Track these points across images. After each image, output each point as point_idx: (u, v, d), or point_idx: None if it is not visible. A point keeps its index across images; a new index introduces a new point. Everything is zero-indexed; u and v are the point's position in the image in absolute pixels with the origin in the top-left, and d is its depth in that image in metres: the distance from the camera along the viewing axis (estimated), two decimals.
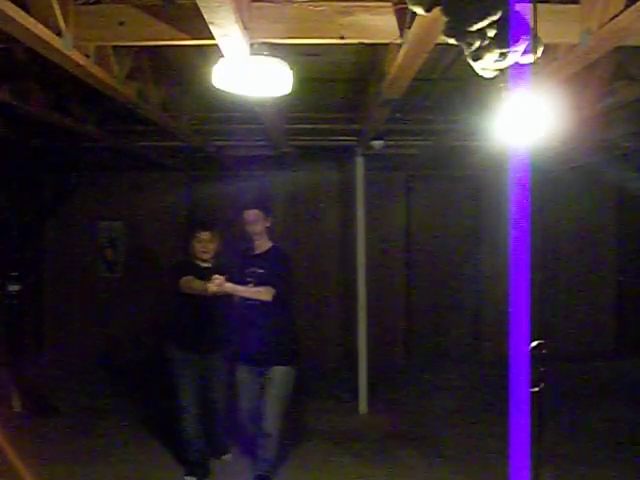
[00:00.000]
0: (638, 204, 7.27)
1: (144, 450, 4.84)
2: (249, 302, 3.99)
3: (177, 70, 4.12)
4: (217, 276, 3.90)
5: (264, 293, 3.93)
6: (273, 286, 3.93)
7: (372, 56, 3.67)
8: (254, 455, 4.14)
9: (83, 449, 4.87)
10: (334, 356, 7.55)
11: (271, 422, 3.96)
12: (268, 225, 4.12)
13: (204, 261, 4.30)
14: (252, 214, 4.06)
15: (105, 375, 6.88)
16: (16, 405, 5.59)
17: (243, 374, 4.08)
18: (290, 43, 2.65)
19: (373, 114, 4.33)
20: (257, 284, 3.98)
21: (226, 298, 4.07)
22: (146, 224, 7.61)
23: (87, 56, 2.84)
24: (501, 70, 1.88)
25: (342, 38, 2.59)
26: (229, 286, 3.93)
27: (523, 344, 1.86)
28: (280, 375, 3.98)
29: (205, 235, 4.28)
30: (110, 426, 5.39)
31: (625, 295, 7.83)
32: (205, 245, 4.27)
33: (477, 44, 1.79)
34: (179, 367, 4.24)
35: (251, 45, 2.55)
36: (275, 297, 3.93)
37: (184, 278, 4.13)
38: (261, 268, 4.02)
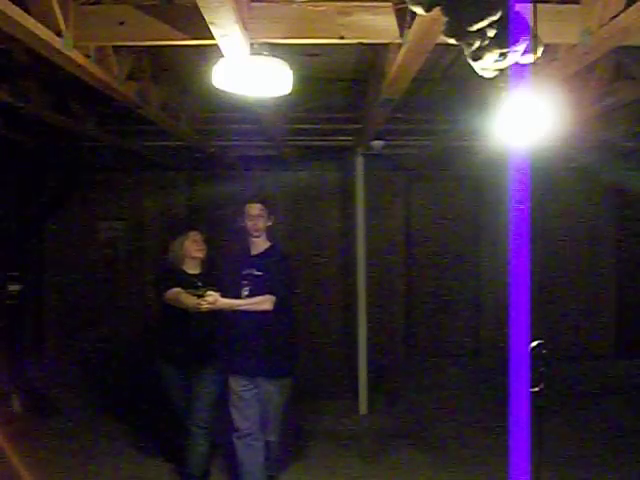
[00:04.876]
0: (638, 204, 7.27)
1: (144, 450, 4.85)
2: (245, 312, 3.75)
3: (177, 70, 4.12)
4: (211, 292, 3.65)
5: (264, 302, 3.68)
6: (272, 292, 3.68)
7: (372, 56, 3.67)
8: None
9: (83, 449, 4.87)
10: (334, 356, 7.55)
11: (273, 430, 3.88)
12: (270, 224, 3.87)
13: (194, 259, 4.06)
14: (256, 208, 3.79)
15: (105, 375, 6.87)
16: (16, 405, 5.60)
17: (238, 387, 3.82)
18: (290, 43, 2.65)
19: (373, 114, 4.33)
20: (254, 288, 3.73)
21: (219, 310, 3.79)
22: (146, 224, 7.60)
23: (87, 56, 2.84)
24: (501, 70, 1.88)
25: (342, 38, 2.59)
26: (224, 302, 3.67)
27: (523, 344, 1.86)
28: (280, 387, 3.81)
29: (197, 235, 4.07)
30: (110, 426, 5.39)
31: (625, 295, 7.83)
32: (199, 244, 4.05)
33: (477, 44, 1.79)
34: (169, 382, 4.07)
35: (251, 45, 2.56)
36: (275, 303, 3.69)
37: (171, 290, 3.85)
38: (259, 270, 3.76)
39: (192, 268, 4.09)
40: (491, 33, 1.76)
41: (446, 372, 7.07)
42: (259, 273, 3.77)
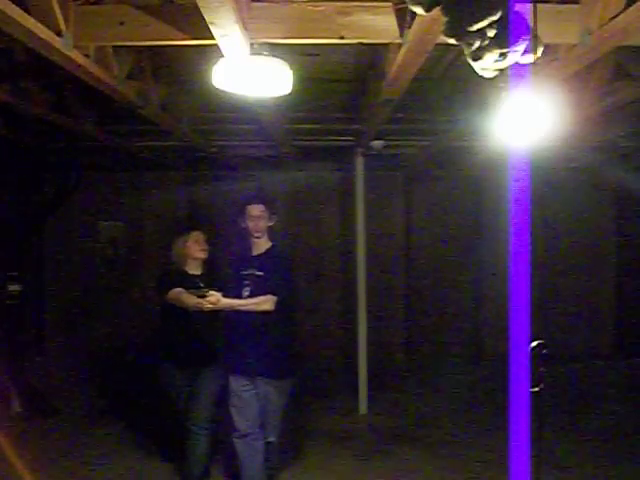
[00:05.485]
0: (638, 204, 7.27)
1: (144, 451, 4.84)
2: (246, 312, 3.74)
3: (177, 70, 4.12)
4: (213, 292, 3.65)
5: (265, 303, 3.67)
6: (273, 292, 3.67)
7: (372, 56, 3.67)
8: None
9: (83, 449, 4.87)
10: (334, 356, 7.55)
11: (272, 431, 3.87)
12: (271, 225, 3.87)
13: (195, 260, 4.06)
14: (257, 209, 3.78)
15: (105, 375, 6.87)
16: (16, 405, 5.59)
17: (238, 387, 3.81)
18: (290, 43, 2.65)
19: (373, 114, 4.33)
20: (255, 288, 3.72)
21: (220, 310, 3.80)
22: (146, 224, 7.61)
23: (87, 56, 2.84)
24: (501, 70, 1.88)
25: (342, 38, 2.59)
26: (226, 302, 3.67)
27: (523, 344, 1.86)
28: (280, 388, 3.80)
29: (199, 235, 4.08)
30: (110, 426, 5.39)
31: (625, 295, 7.83)
32: (202, 244, 4.06)
33: (477, 44, 1.79)
34: (169, 381, 4.06)
35: (251, 45, 2.56)
36: (276, 304, 3.68)
37: (173, 290, 3.85)
38: (260, 270, 3.75)
39: (194, 269, 4.08)
40: (491, 33, 1.76)
41: (446, 372, 7.07)
42: (260, 273, 3.77)
